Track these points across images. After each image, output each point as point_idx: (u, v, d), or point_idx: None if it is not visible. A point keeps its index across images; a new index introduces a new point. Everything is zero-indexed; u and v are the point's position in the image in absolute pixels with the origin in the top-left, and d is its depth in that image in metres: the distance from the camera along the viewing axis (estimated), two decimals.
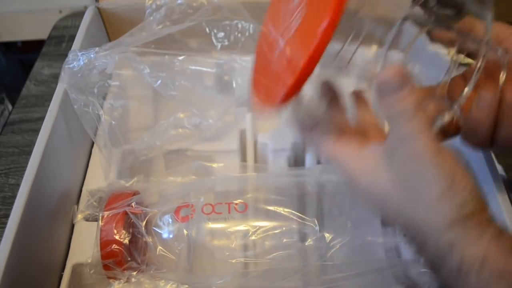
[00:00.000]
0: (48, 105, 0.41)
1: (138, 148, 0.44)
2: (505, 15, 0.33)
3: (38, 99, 0.57)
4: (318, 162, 0.46)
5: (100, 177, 0.43)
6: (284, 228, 0.38)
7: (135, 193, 0.39)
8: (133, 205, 0.37)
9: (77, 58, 0.41)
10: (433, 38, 0.32)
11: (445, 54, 0.41)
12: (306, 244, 0.38)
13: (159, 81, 0.43)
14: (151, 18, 0.47)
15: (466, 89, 0.29)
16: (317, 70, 0.24)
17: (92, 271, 0.36)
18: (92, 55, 0.41)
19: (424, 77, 0.32)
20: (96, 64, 0.41)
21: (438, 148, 0.24)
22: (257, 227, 0.38)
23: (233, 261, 0.37)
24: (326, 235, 0.38)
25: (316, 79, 0.29)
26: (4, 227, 0.32)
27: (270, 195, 0.40)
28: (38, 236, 0.36)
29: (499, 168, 0.40)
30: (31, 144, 0.37)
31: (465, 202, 0.24)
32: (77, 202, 0.42)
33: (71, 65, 0.40)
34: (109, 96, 0.46)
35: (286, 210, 0.39)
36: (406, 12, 0.30)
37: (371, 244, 0.38)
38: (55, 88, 0.42)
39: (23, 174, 0.35)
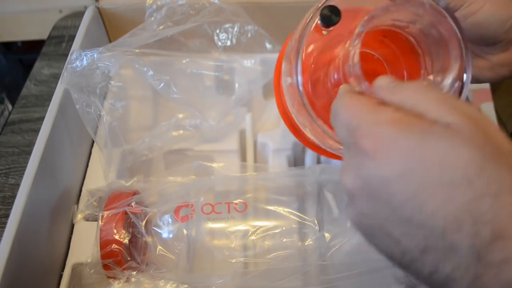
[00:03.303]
0: (48, 105, 0.41)
1: (138, 148, 0.44)
2: None
3: (38, 99, 0.57)
4: (318, 162, 0.46)
5: (100, 177, 0.43)
6: (284, 228, 0.38)
7: (135, 193, 0.39)
8: (133, 205, 0.37)
9: (80, 58, 0.40)
10: None
11: None
12: (305, 244, 0.38)
13: (162, 84, 0.43)
14: (152, 18, 0.47)
15: None
16: None
17: (92, 271, 0.36)
18: (95, 55, 0.40)
19: None
20: (99, 64, 0.40)
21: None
22: (257, 227, 0.38)
23: (233, 261, 0.37)
24: (326, 235, 0.38)
25: None
26: (4, 227, 0.32)
27: (270, 195, 0.40)
28: (38, 236, 0.36)
29: None
30: (31, 144, 0.37)
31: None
32: (77, 202, 0.42)
33: (74, 65, 0.40)
34: (110, 96, 0.46)
35: (286, 210, 0.39)
36: None
37: None
38: (55, 88, 0.42)
39: (23, 174, 0.35)
